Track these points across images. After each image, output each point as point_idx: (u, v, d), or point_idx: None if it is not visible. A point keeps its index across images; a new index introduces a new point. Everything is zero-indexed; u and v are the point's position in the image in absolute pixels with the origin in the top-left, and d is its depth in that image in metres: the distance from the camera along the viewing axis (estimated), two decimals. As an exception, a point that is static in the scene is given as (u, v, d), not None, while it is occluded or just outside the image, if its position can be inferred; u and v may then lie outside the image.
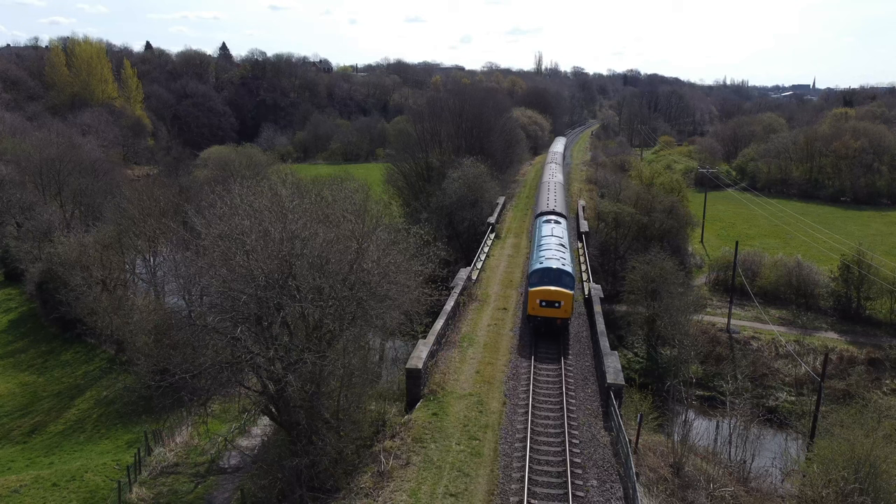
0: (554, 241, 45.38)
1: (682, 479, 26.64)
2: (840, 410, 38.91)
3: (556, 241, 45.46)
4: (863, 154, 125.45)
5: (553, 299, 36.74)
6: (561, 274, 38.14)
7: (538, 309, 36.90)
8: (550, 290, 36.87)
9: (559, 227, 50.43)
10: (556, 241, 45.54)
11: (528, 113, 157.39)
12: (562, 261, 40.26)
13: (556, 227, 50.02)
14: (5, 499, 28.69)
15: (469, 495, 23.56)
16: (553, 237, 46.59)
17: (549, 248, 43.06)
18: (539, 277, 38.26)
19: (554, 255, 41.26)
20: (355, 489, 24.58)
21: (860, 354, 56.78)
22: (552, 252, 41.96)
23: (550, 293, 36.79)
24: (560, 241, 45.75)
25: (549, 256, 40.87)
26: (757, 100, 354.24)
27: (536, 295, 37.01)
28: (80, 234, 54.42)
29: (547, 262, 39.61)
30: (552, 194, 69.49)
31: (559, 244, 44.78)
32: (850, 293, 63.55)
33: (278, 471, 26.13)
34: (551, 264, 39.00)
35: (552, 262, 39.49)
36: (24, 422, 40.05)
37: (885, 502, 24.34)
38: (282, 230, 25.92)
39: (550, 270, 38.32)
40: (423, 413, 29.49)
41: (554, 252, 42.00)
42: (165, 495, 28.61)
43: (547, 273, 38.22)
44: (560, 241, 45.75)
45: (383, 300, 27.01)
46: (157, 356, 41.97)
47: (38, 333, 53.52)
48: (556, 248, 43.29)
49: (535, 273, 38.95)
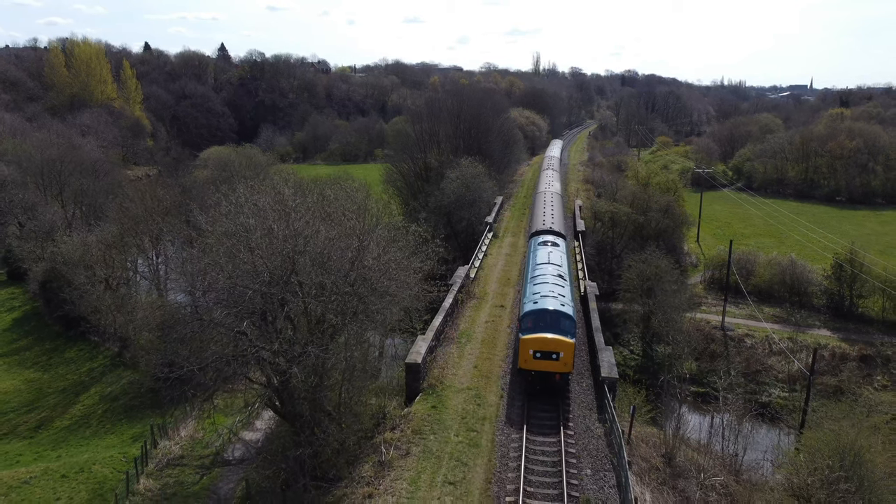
0: (551, 270, 38.52)
1: (674, 468, 27.50)
2: (829, 405, 39.74)
3: (553, 270, 38.68)
4: (858, 154, 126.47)
5: (550, 350, 30.30)
6: (559, 317, 31.58)
7: (532, 362, 30.50)
8: (546, 339, 30.43)
9: (557, 252, 43.41)
10: (554, 270, 38.65)
11: (525, 113, 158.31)
12: (560, 299, 33.58)
13: (554, 252, 43.03)
14: (17, 489, 29.46)
15: (467, 483, 24.38)
16: (550, 265, 39.65)
17: (544, 282, 36.12)
18: (533, 322, 31.82)
19: (551, 290, 34.52)
20: (357, 478, 25.40)
21: (852, 351, 57.70)
22: (549, 287, 35.10)
23: (547, 342, 30.37)
24: (558, 271, 38.79)
25: (546, 293, 34.05)
26: (754, 100, 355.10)
27: (529, 344, 30.62)
28: (84, 234, 55.09)
29: (542, 301, 32.98)
30: (549, 208, 62.52)
31: (557, 275, 37.87)
32: (842, 291, 64.46)
33: (282, 461, 26.95)
34: (547, 304, 32.41)
35: (549, 301, 32.87)
36: (31, 417, 40.80)
37: (868, 489, 25.16)
38: (285, 228, 26.73)
39: (546, 313, 31.75)
40: (423, 406, 30.32)
41: (551, 287, 35.16)
42: (172, 486, 29.41)
43: (542, 316, 31.72)
44: (558, 271, 38.79)
45: (384, 296, 27.86)
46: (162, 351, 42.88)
47: (42, 331, 54.24)
48: (554, 282, 36.26)
49: (528, 316, 32.31)
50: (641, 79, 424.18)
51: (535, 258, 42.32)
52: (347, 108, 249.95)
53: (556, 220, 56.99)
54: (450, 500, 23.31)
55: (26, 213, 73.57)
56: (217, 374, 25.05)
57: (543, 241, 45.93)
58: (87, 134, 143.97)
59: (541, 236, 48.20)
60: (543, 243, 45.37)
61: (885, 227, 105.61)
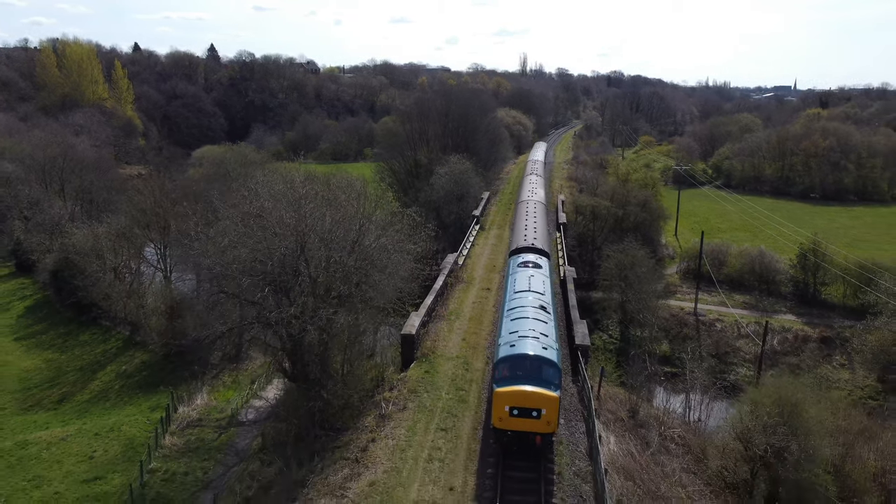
0: (531, 301, 31.95)
1: (637, 421, 31.43)
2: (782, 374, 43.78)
3: (534, 300, 32.04)
4: (831, 153, 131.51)
5: (529, 406, 24.65)
6: (541, 365, 25.79)
7: (507, 420, 24.83)
8: (526, 393, 24.74)
9: (539, 275, 36.66)
10: (535, 300, 32.08)
11: (512, 113, 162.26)
12: (543, 340, 27.58)
13: (536, 276, 36.19)
14: (56, 445, 32.89)
15: (457, 430, 28.16)
16: (531, 293, 33.06)
17: (523, 316, 29.86)
18: (509, 370, 25.88)
19: (532, 328, 28.40)
20: (361, 427, 29.11)
21: (814, 333, 62.07)
22: (529, 324, 28.88)
23: (526, 397, 24.69)
24: (540, 301, 32.24)
25: (525, 332, 27.98)
26: (737, 101, 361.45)
27: (505, 399, 24.86)
28: (94, 225, 58.36)
29: (521, 344, 26.92)
30: (531, 220, 55.32)
31: (539, 306, 31.38)
32: (807, 279, 68.90)
33: (294, 416, 30.59)
34: (526, 348, 26.45)
35: (528, 343, 26.85)
36: (53, 392, 44.10)
37: (803, 435, 29.15)
38: (296, 211, 30.43)
39: (525, 360, 25.88)
40: (417, 371, 34.07)
41: (531, 324, 28.94)
42: (194, 442, 32.98)
43: (520, 363, 25.84)
44: (540, 301, 32.24)
45: (383, 270, 31.60)
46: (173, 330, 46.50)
47: (55, 318, 57.39)
48: (535, 316, 29.96)
49: (504, 363, 26.26)
50: (627, 80, 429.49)
51: (513, 284, 35.46)
52: (337, 108, 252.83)
53: (538, 235, 49.19)
54: (442, 441, 27.09)
55: (31, 208, 76.71)
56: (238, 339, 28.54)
57: (524, 262, 39.08)
58: (80, 133, 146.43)
59: (521, 255, 41.31)
60: (524, 265, 38.62)
61: (855, 221, 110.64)
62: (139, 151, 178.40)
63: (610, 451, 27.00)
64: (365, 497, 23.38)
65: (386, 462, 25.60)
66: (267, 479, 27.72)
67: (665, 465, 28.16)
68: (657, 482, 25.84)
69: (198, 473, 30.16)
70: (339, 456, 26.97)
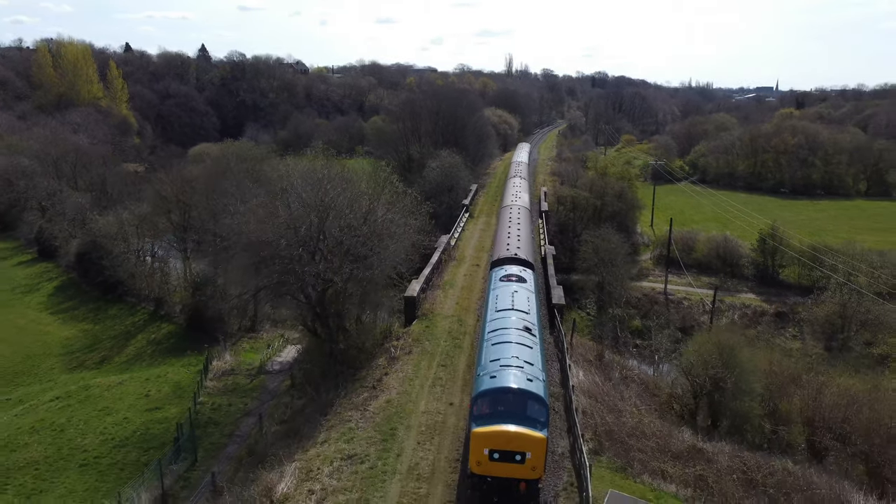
0: (515, 321, 28.33)
1: (603, 364, 37.78)
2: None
3: (517, 320, 28.45)
4: (799, 150, 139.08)
5: (512, 449, 21.50)
6: (526, 401, 22.53)
7: (487, 464, 21.63)
8: (508, 434, 21.52)
9: (523, 290, 33.21)
10: (519, 320, 28.48)
11: (498, 112, 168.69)
12: (528, 369, 24.17)
13: (520, 292, 32.72)
14: (113, 388, 38.67)
15: (454, 366, 34.35)
16: (514, 313, 29.44)
17: (506, 341, 26.26)
18: (489, 406, 22.65)
19: (515, 356, 24.92)
20: (375, 366, 35.24)
21: (770, 309, 68.94)
22: (512, 350, 25.38)
23: (508, 438, 21.51)
24: (524, 321, 28.59)
25: (507, 360, 24.56)
26: (718, 101, 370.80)
27: (483, 440, 21.64)
28: (118, 212, 64.05)
29: (503, 375, 23.49)
30: (514, 228, 51.81)
31: (523, 328, 27.79)
32: (766, 262, 75.77)
33: (317, 359, 36.64)
34: (509, 381, 23.05)
35: (511, 375, 23.43)
36: (93, 356, 49.80)
37: (738, 374, 35.58)
38: (317, 191, 36.59)
39: (508, 394, 22.63)
40: (419, 326, 40.25)
41: (515, 349, 25.48)
42: (230, 385, 38.93)
43: (502, 398, 22.61)
44: (524, 321, 28.59)
45: (391, 237, 37.79)
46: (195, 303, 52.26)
47: (83, 296, 62.94)
48: (519, 341, 26.32)
49: (484, 398, 22.91)
50: (611, 80, 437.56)
51: (494, 301, 31.92)
52: (326, 107, 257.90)
53: (522, 244, 46.12)
54: (443, 373, 33.26)
55: (49, 199, 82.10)
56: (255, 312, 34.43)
57: (507, 276, 35.47)
58: (77, 131, 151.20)
59: (504, 267, 37.60)
60: (507, 278, 35.07)
61: (820, 213, 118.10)
62: (135, 149, 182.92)
63: (578, 380, 33.30)
64: (383, 410, 29.50)
65: (398, 388, 31.75)
66: (299, 406, 33.76)
67: (623, 393, 34.51)
68: (615, 402, 32.17)
69: (239, 405, 36.13)
70: (358, 385, 33.11)
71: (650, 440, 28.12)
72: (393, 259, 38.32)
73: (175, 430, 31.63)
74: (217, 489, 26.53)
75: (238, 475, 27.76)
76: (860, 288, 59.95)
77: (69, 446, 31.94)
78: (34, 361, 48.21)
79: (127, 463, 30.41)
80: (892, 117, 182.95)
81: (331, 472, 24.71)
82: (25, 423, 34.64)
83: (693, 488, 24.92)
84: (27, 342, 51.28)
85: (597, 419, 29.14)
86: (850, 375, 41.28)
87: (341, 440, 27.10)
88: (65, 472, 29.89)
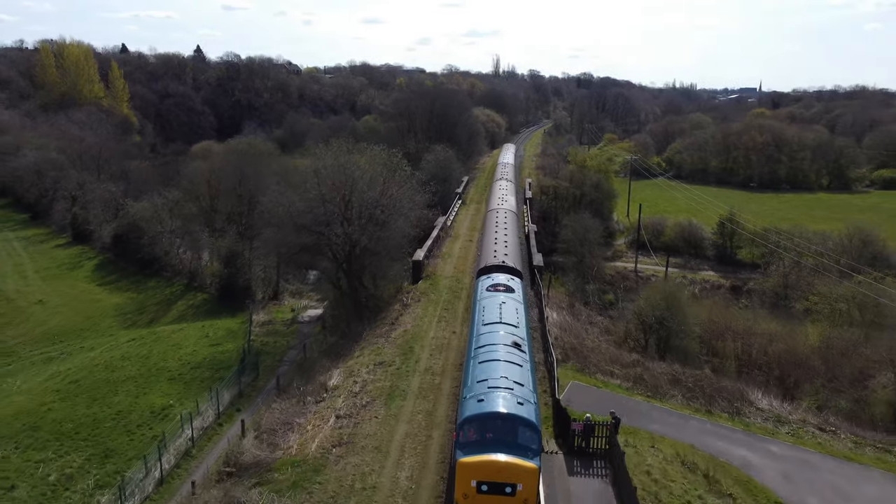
0: (503, 336, 26.65)
1: (574, 311, 46.95)
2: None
3: (506, 335, 26.75)
4: (766, 147, 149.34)
5: (501, 480, 19.96)
6: (516, 426, 20.98)
7: (475, 497, 20.11)
8: (497, 464, 19.98)
9: (511, 302, 31.45)
10: (508, 335, 26.75)
11: (486, 111, 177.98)
12: (518, 391, 22.51)
13: (508, 303, 30.96)
14: (176, 333, 47.26)
15: (454, 310, 43.34)
16: (503, 327, 27.69)
17: (494, 359, 24.65)
18: (476, 431, 21.10)
19: (505, 374, 23.37)
20: (391, 311, 44.23)
21: (726, 283, 78.54)
22: (501, 370, 23.73)
23: (498, 469, 19.97)
24: (513, 336, 26.75)
25: (496, 381, 22.90)
26: (700, 102, 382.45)
27: (470, 471, 20.12)
28: (153, 198, 72.64)
29: (491, 398, 21.88)
30: (501, 233, 49.35)
31: (513, 343, 26.15)
32: (725, 243, 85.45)
33: (342, 309, 45.60)
34: (498, 405, 21.48)
35: (500, 398, 21.84)
36: (143, 317, 58.25)
37: (678, 316, 44.81)
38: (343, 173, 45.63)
39: (497, 419, 21.08)
40: (424, 284, 49.24)
41: (504, 368, 23.90)
42: (271, 332, 47.67)
43: (490, 424, 21.05)
44: (513, 336, 26.75)
45: (402, 208, 46.88)
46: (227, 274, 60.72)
47: (122, 272, 71.21)
48: (508, 358, 24.70)
49: (470, 423, 21.30)
50: (597, 81, 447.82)
51: (481, 313, 29.90)
52: (319, 107, 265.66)
53: (510, 251, 44.32)
54: (445, 314, 42.27)
55: (80, 189, 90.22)
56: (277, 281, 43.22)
57: (494, 285, 33.49)
58: (83, 129, 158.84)
59: (490, 276, 35.42)
60: (493, 288, 33.13)
61: (783, 205, 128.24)
62: (137, 147, 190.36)
63: (553, 318, 42.42)
64: (402, 336, 38.47)
65: (412, 323, 40.73)
66: (333, 340, 42.65)
67: (587, 329, 43.69)
68: (580, 333, 41.32)
69: (282, 343, 44.93)
70: (380, 323, 42.15)
71: (604, 355, 37.27)
72: (404, 226, 47.29)
73: (239, 354, 40.35)
74: (281, 388, 35.32)
75: (295, 380, 36.63)
76: (800, 259, 69.64)
77: (155, 367, 40.45)
78: (94, 321, 56.65)
79: (203, 378, 38.97)
80: (857, 117, 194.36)
81: (367, 371, 33.70)
82: (116, 355, 43.10)
83: (632, 382, 34.05)
84: (84, 307, 59.71)
85: (565, 341, 38.28)
86: (777, 324, 50.79)
87: (372, 354, 36.10)
88: (157, 383, 38.42)
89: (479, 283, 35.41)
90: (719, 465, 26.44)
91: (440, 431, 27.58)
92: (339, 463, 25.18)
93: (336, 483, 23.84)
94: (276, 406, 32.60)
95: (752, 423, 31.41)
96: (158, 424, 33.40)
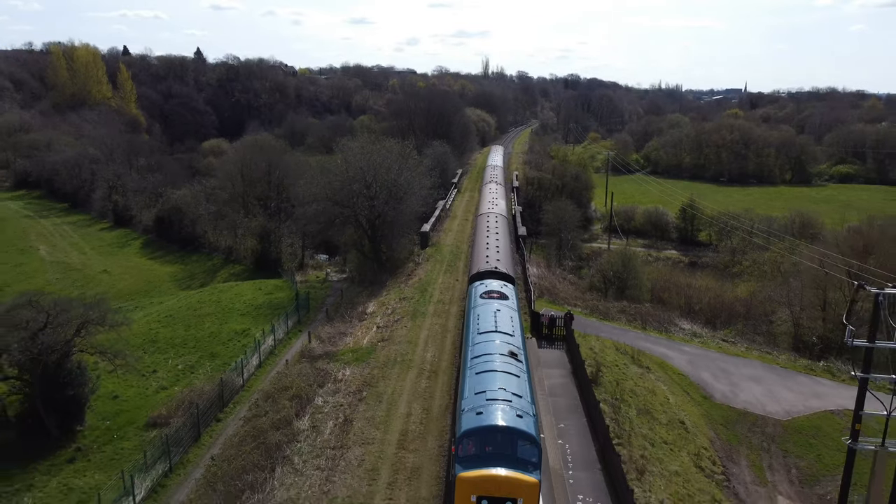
0: (498, 345, 25.94)
1: (552, 268, 59.08)
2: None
3: (501, 345, 25.98)
4: (735, 144, 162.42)
5: (502, 495, 19.41)
6: (516, 440, 20.34)
7: None
8: (497, 479, 19.46)
9: (506, 309, 30.54)
10: (503, 345, 26.03)
11: (477, 112, 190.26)
12: (517, 402, 21.80)
13: (503, 311, 30.08)
14: (230, 289, 58.87)
15: (456, 268, 55.37)
16: (498, 335, 26.99)
17: (490, 369, 23.95)
18: (475, 445, 20.40)
19: (503, 385, 22.64)
20: (406, 268, 56.24)
21: (685, 259, 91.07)
22: (498, 379, 23.10)
23: (498, 483, 19.45)
24: (509, 346, 26.08)
25: (493, 393, 22.15)
26: (683, 102, 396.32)
27: (470, 486, 19.59)
28: (191, 186, 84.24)
29: (489, 411, 21.17)
30: (493, 238, 47.80)
31: (509, 353, 25.45)
32: (686, 227, 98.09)
33: (367, 269, 57.57)
34: (496, 418, 20.79)
35: (498, 410, 21.11)
36: (194, 282, 69.78)
37: (634, 275, 57.05)
38: (367, 159, 57.58)
39: (496, 433, 20.41)
40: (431, 251, 61.30)
41: (501, 379, 23.20)
42: (309, 287, 59.43)
43: (489, 438, 20.39)
44: (509, 346, 26.08)
45: (413, 188, 59.06)
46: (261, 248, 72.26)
47: (166, 248, 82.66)
48: (504, 369, 24.03)
49: (469, 437, 20.61)
50: (584, 82, 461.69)
51: (476, 322, 29.30)
52: (316, 107, 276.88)
53: (502, 256, 42.95)
54: (449, 269, 54.33)
55: (118, 179, 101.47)
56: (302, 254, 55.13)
57: (488, 292, 32.75)
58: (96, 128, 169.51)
59: (483, 282, 34.69)
60: (487, 295, 32.38)
61: (747, 197, 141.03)
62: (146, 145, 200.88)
63: (532, 271, 54.55)
64: (417, 282, 50.46)
65: (423, 275, 52.75)
66: (362, 289, 54.60)
67: (560, 282, 55.85)
68: (555, 283, 53.45)
69: (321, 293, 56.65)
70: (399, 275, 54.09)
71: (571, 294, 49.44)
72: (415, 203, 59.41)
73: (291, 298, 52.09)
74: (329, 315, 47.23)
75: (340, 311, 48.57)
76: (750, 238, 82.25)
77: (227, 307, 51.92)
78: (154, 284, 68.22)
79: (267, 314, 50.28)
80: (825, 117, 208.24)
81: (395, 302, 45.77)
82: (192, 301, 54.67)
83: (590, 310, 46.22)
84: (144, 274, 71.27)
85: (541, 286, 50.46)
86: (712, 281, 63.24)
87: (397, 293, 48.17)
88: (231, 317, 49.92)
89: (472, 289, 34.47)
90: (643, 353, 38.67)
91: (451, 335, 39.54)
92: (384, 349, 37.17)
93: (384, 358, 35.81)
94: (329, 326, 44.56)
95: (673, 335, 43.70)
96: (242, 339, 45.11)
